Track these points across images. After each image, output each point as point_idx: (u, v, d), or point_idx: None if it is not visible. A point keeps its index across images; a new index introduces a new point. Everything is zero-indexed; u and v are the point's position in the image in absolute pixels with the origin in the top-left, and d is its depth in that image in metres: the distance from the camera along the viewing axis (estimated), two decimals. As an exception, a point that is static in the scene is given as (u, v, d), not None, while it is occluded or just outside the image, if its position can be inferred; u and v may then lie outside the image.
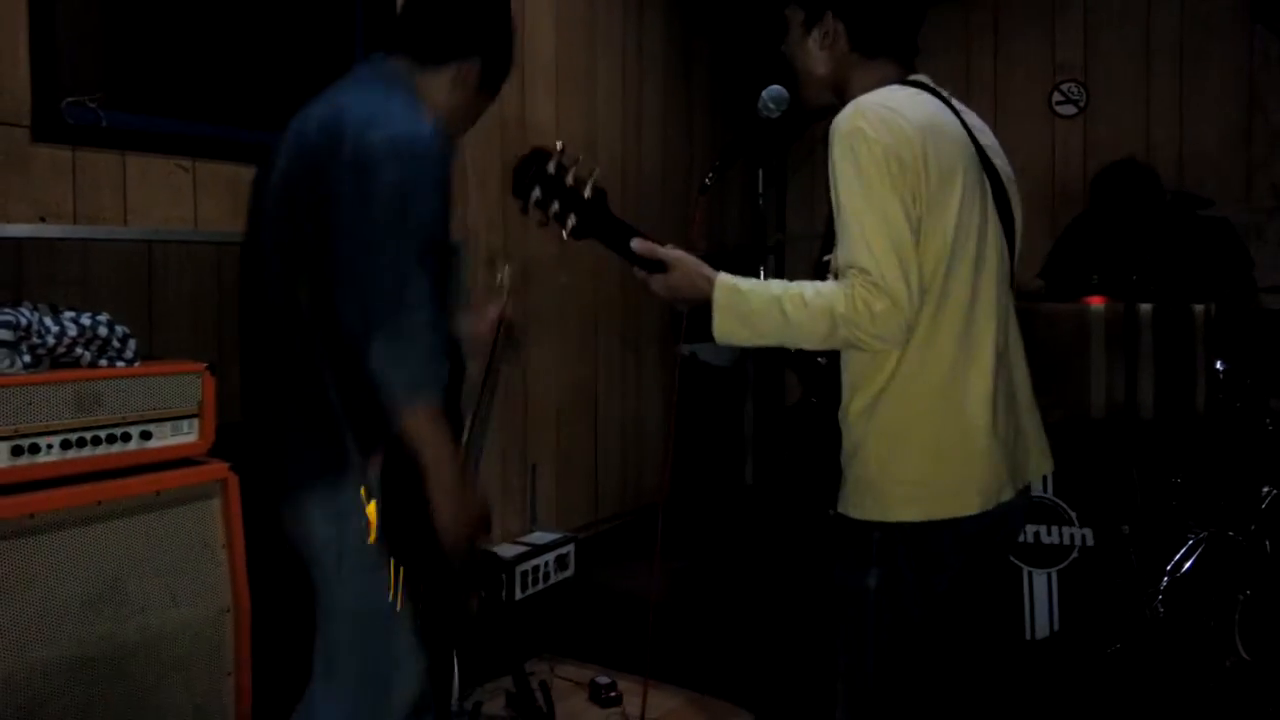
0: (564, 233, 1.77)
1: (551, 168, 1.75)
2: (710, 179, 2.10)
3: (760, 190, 2.37)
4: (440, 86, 1.83)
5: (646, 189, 4.63)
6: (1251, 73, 4.34)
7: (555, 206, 1.76)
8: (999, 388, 1.66)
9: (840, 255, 1.58)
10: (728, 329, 1.66)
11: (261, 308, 1.77)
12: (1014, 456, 1.70)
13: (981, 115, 1.82)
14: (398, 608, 1.71)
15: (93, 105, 2.53)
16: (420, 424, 1.60)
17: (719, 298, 1.65)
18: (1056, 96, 4.73)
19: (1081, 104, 4.68)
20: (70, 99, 2.49)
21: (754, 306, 1.62)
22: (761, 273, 2.32)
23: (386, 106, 1.66)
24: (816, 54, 1.76)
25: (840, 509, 1.68)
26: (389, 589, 1.68)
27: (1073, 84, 4.70)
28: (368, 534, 1.66)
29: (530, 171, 1.75)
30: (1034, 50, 4.78)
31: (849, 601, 1.71)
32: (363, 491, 1.66)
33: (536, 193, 1.76)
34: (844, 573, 1.70)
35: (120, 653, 2.16)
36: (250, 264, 1.81)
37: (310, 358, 1.67)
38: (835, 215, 1.58)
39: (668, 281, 1.72)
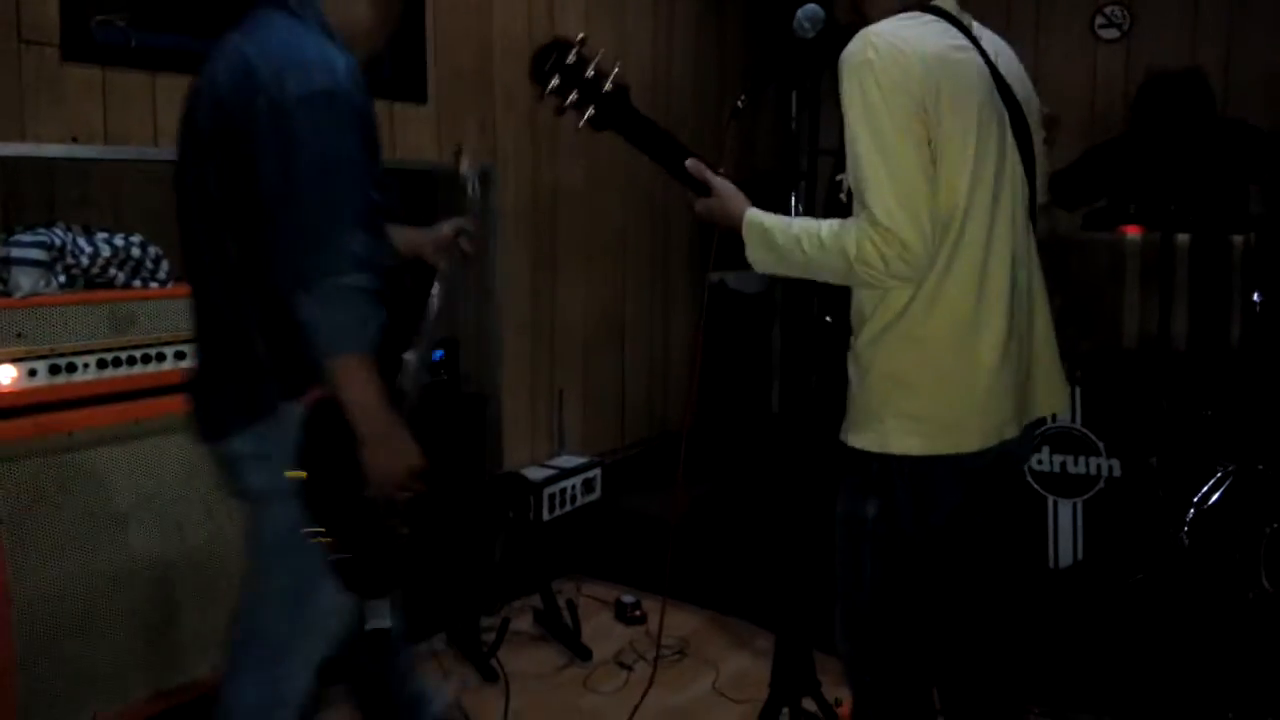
0: (580, 121, 1.76)
1: (572, 57, 1.73)
2: (742, 102, 2.07)
3: (794, 113, 2.31)
4: (356, 6, 1.76)
5: (678, 109, 4.56)
6: (1304, -4, 4.19)
7: (574, 95, 1.75)
8: (1013, 326, 1.65)
9: (851, 182, 1.57)
10: (762, 261, 1.68)
11: (192, 254, 1.75)
12: (1022, 394, 1.69)
13: (1022, 40, 1.77)
14: (314, 551, 1.70)
15: (121, 24, 2.52)
16: (348, 372, 1.59)
17: (747, 232, 1.68)
18: (1099, 20, 4.59)
19: (1125, 27, 4.55)
20: (99, 18, 2.48)
21: (778, 242, 1.64)
22: (793, 198, 2.30)
23: (298, 52, 1.62)
24: None
25: (842, 437, 1.69)
26: (308, 530, 1.68)
27: (1116, 7, 4.56)
28: (289, 482, 1.66)
29: (550, 59, 1.74)
30: (1078, -30, 4.63)
31: (847, 528, 1.73)
32: (289, 438, 1.66)
33: (555, 81, 1.75)
34: (844, 500, 1.72)
35: (158, 567, 2.22)
36: (179, 209, 1.79)
37: (237, 305, 1.67)
38: (847, 144, 1.57)
39: (709, 205, 1.74)
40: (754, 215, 1.68)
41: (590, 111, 1.75)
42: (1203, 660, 2.67)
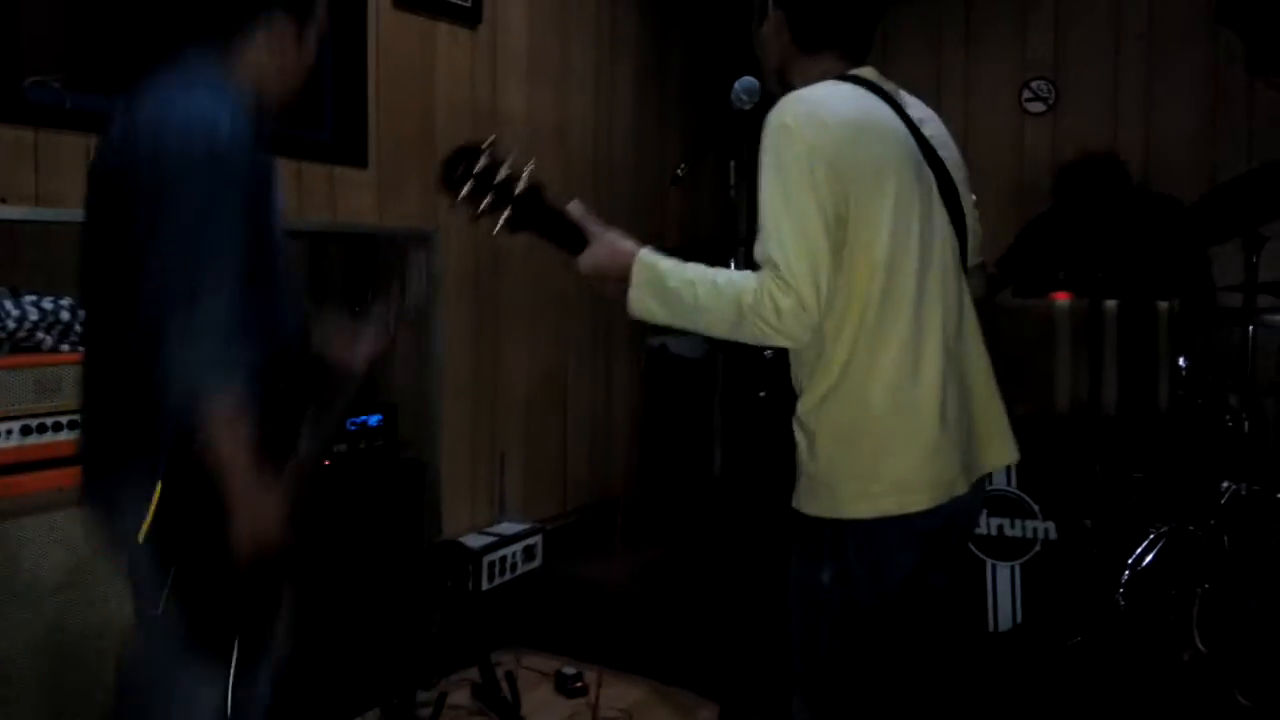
0: (496, 227, 1.75)
1: (483, 162, 1.73)
2: (682, 170, 2.10)
3: (732, 182, 2.36)
4: (256, 56, 1.76)
5: (619, 179, 4.62)
6: (1216, 73, 4.39)
7: (488, 200, 1.74)
8: (948, 381, 1.66)
9: (757, 248, 1.59)
10: (644, 304, 1.66)
11: (89, 300, 1.75)
12: (967, 450, 1.71)
13: (951, 112, 1.83)
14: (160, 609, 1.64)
15: (56, 85, 2.49)
16: (211, 424, 1.56)
17: (637, 273, 1.66)
18: (1026, 94, 4.77)
19: (1051, 102, 4.72)
20: (33, 79, 2.44)
21: (669, 285, 1.63)
22: (732, 264, 2.33)
23: (183, 101, 1.62)
24: (767, 44, 1.79)
25: (794, 504, 1.70)
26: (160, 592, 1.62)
27: (1042, 82, 4.74)
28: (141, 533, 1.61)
29: (460, 168, 1.73)
30: (1005, 47, 4.81)
31: (803, 596, 1.72)
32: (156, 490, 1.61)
33: (468, 187, 1.74)
34: (799, 568, 1.71)
35: (80, 642, 2.13)
36: (82, 253, 1.78)
37: (125, 357, 1.64)
38: (759, 208, 1.59)
39: (595, 254, 1.73)
40: (648, 255, 1.68)
41: (506, 214, 1.74)
42: (1141, 722, 2.69)
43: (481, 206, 1.73)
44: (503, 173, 1.73)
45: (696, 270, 1.63)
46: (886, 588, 1.67)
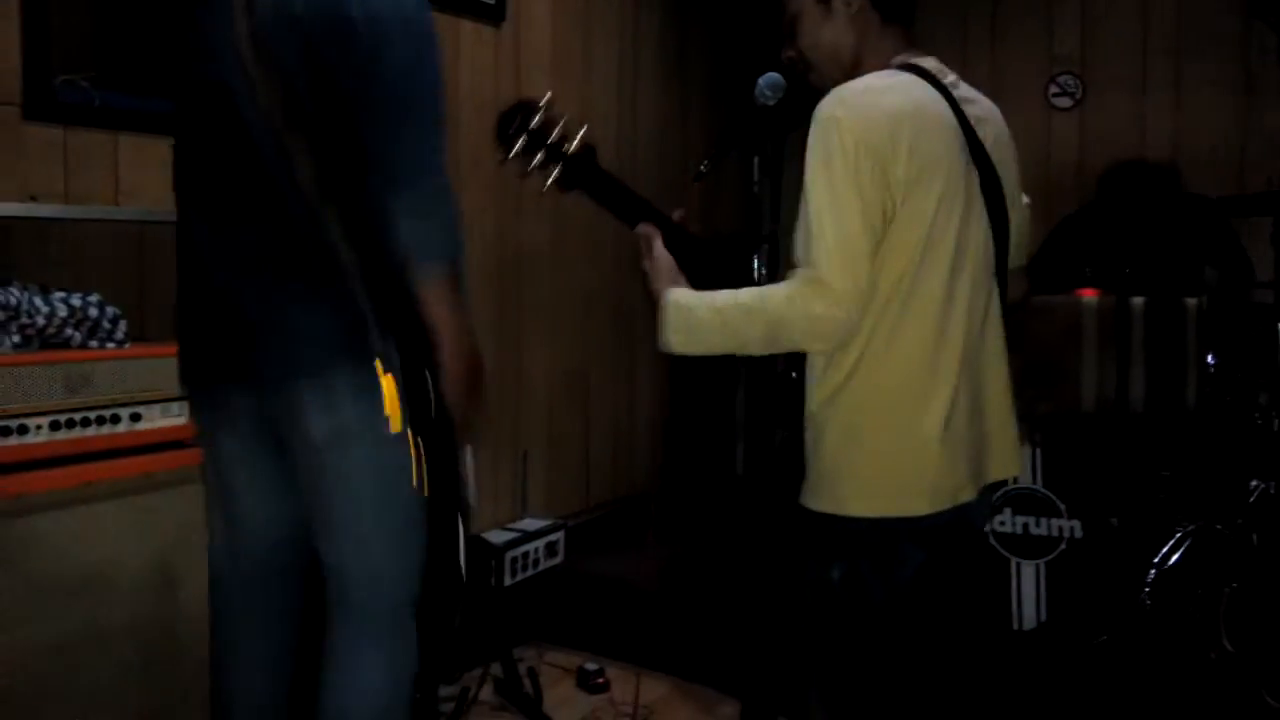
0: (546, 184, 1.76)
1: (537, 120, 1.74)
2: (705, 167, 2.10)
3: (755, 179, 2.35)
4: None
5: (641, 175, 4.61)
6: (1248, 67, 4.33)
7: (539, 157, 1.75)
8: (962, 390, 1.64)
9: (797, 244, 1.58)
10: (674, 341, 1.67)
11: (238, 180, 1.68)
12: (976, 459, 1.68)
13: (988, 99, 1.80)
14: (415, 483, 1.68)
15: (85, 84, 2.51)
16: (444, 288, 1.63)
17: (668, 316, 1.67)
18: (1053, 89, 4.72)
19: (1078, 97, 4.68)
20: (63, 77, 2.47)
21: (700, 318, 1.63)
22: (755, 261, 2.32)
23: None
24: (842, 24, 1.72)
25: (802, 500, 1.69)
26: (410, 462, 1.66)
27: (1069, 76, 4.69)
28: (383, 409, 1.63)
29: (515, 122, 1.74)
30: (1031, 42, 4.77)
31: (815, 593, 1.71)
32: (378, 365, 1.63)
33: (521, 143, 1.75)
34: (809, 565, 1.71)
35: (107, 636, 2.16)
36: (207, 135, 1.71)
37: (317, 232, 1.61)
38: (801, 200, 1.58)
39: (646, 271, 1.78)
40: (677, 294, 1.68)
41: (556, 173, 1.75)
42: (1167, 723, 2.67)
43: (533, 163, 1.74)
44: (556, 132, 1.74)
45: (724, 297, 1.62)
46: (895, 585, 1.66)
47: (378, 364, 1.62)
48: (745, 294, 1.61)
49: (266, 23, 1.59)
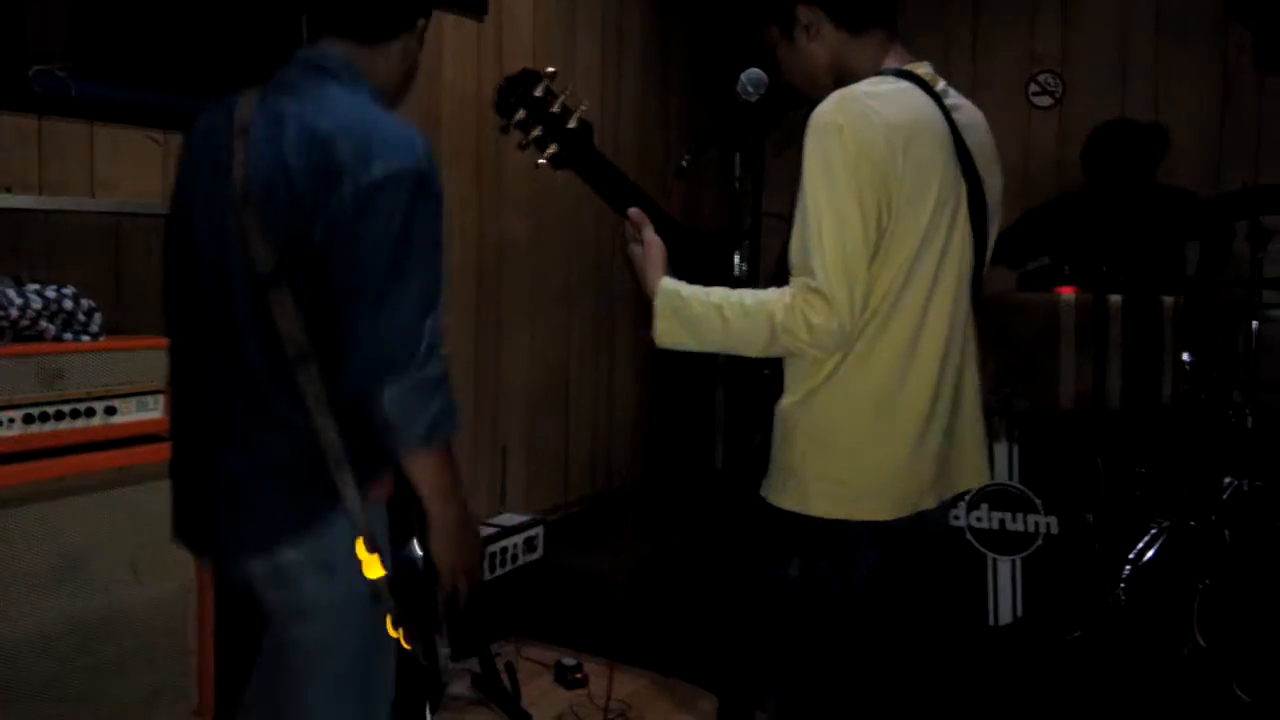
0: (540, 158, 1.74)
1: (540, 91, 1.72)
2: (687, 162, 2.09)
3: (737, 174, 2.35)
4: (388, 62, 1.64)
5: (624, 166, 4.60)
6: (1225, 67, 4.37)
7: (537, 130, 1.73)
8: (938, 402, 1.65)
9: (793, 250, 1.56)
10: (671, 336, 1.66)
11: (217, 337, 1.56)
12: (944, 470, 1.69)
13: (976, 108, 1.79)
14: (386, 656, 1.63)
15: (61, 74, 2.48)
16: (432, 468, 1.52)
17: (660, 303, 1.65)
18: (1033, 87, 4.75)
19: (1058, 95, 4.70)
20: (38, 67, 2.44)
21: (695, 313, 1.61)
22: (736, 258, 2.32)
23: (379, 129, 1.49)
24: (808, 49, 1.70)
25: (763, 494, 1.69)
26: (382, 639, 1.57)
27: (1049, 75, 4.72)
28: (363, 584, 1.53)
29: (518, 91, 1.72)
30: (1012, 40, 4.79)
31: (773, 589, 1.72)
32: (359, 541, 1.52)
33: (520, 113, 1.73)
34: (768, 561, 1.71)
35: (82, 630, 2.14)
36: (193, 280, 1.59)
37: (295, 394, 1.49)
38: (798, 205, 1.55)
39: (635, 253, 1.75)
40: (670, 283, 1.66)
41: (553, 149, 1.73)
42: (1139, 717, 2.68)
43: (531, 136, 1.72)
44: (557, 106, 1.72)
45: (721, 293, 1.61)
46: (851, 584, 1.67)
47: (358, 541, 1.52)
48: (744, 295, 1.58)
49: (259, 172, 1.50)
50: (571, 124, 1.73)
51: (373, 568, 1.52)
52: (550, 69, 1.74)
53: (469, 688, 3.09)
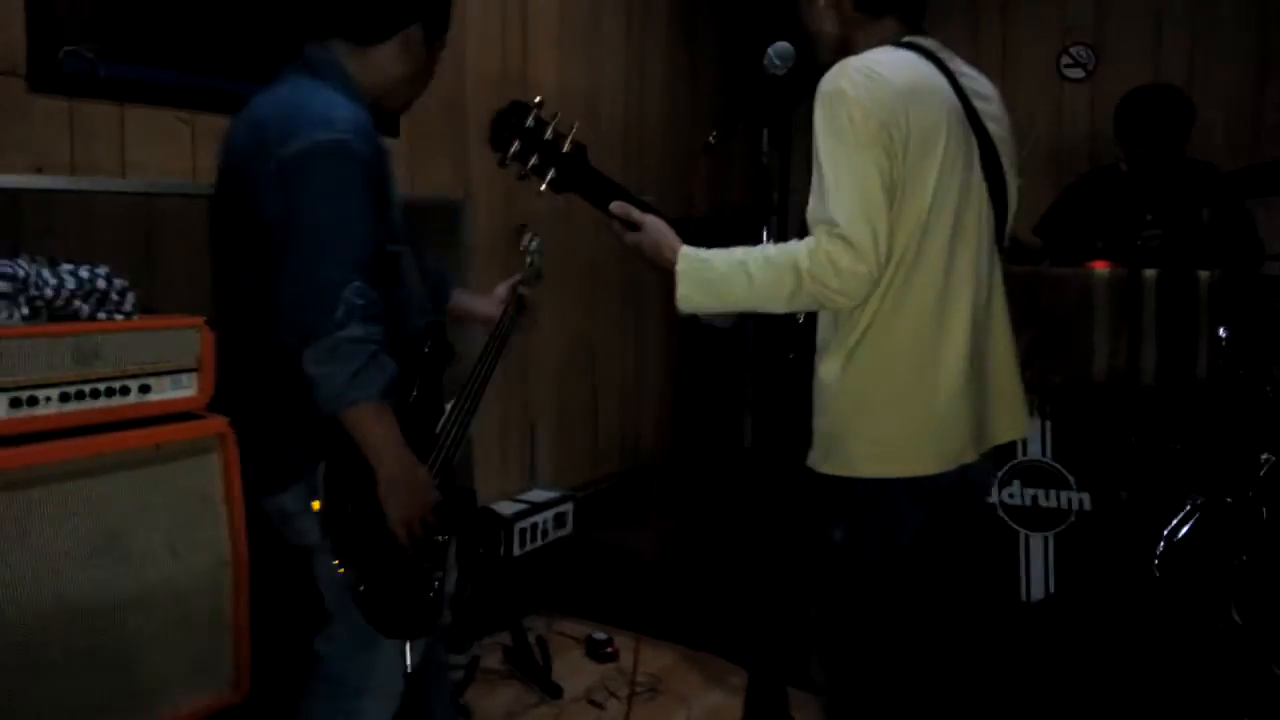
0: (542, 185, 1.77)
1: (530, 121, 1.75)
2: (714, 137, 2.08)
3: (764, 149, 2.33)
4: (385, 63, 1.80)
5: (649, 146, 4.59)
6: (1263, 37, 4.28)
7: (534, 159, 1.76)
8: (973, 351, 1.67)
9: (810, 209, 1.58)
10: (693, 298, 1.67)
11: (227, 304, 1.87)
12: (980, 421, 1.71)
13: (989, 78, 1.81)
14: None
15: (90, 55, 2.50)
16: (359, 423, 1.64)
17: (683, 266, 1.67)
18: (1065, 60, 4.67)
19: (1090, 68, 4.63)
20: (68, 48, 2.46)
21: (719, 271, 1.63)
22: (764, 233, 2.31)
23: (303, 108, 1.66)
24: (824, 12, 1.77)
25: (809, 463, 1.71)
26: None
27: (1081, 47, 4.64)
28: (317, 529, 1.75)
29: (509, 124, 1.75)
30: (1044, 13, 4.72)
31: (819, 555, 1.74)
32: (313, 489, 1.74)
33: (515, 146, 1.76)
34: (815, 527, 1.73)
35: (118, 605, 2.17)
36: (217, 255, 1.87)
37: (265, 358, 1.73)
38: (814, 173, 1.59)
39: (638, 239, 1.76)
40: (690, 251, 1.69)
41: (551, 174, 1.76)
42: (1174, 694, 2.67)
43: (528, 166, 1.75)
44: (549, 133, 1.74)
45: (744, 250, 1.63)
46: (895, 547, 1.69)
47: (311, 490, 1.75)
48: (766, 248, 1.62)
49: (227, 153, 1.77)
50: (566, 148, 1.75)
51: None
52: (538, 98, 1.78)
53: (501, 661, 3.11)
